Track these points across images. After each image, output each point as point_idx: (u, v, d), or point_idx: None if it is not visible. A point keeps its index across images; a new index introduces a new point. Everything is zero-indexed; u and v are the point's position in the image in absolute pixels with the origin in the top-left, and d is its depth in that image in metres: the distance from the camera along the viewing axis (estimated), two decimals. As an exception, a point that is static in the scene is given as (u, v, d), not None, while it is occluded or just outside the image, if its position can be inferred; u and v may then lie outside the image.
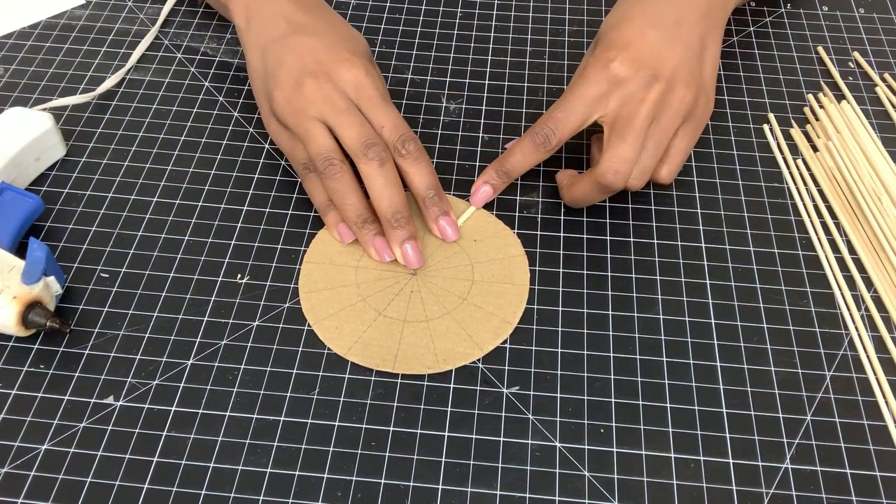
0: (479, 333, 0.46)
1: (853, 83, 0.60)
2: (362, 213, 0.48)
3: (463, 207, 0.52)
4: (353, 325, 0.46)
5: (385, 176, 0.47)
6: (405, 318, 0.47)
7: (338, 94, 0.49)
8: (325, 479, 0.41)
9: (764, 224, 0.52)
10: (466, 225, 0.51)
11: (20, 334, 0.45)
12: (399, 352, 0.45)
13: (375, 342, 0.46)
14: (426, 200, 0.49)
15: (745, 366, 0.46)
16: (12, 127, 0.52)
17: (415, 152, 0.48)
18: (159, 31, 0.63)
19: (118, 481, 0.41)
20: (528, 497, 0.41)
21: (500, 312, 0.47)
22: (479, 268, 0.49)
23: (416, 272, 0.49)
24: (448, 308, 0.47)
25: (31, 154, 0.52)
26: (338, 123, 0.48)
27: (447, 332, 0.46)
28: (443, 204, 0.49)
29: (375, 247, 0.48)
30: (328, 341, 0.46)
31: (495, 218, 0.52)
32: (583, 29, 0.64)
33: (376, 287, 0.48)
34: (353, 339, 0.46)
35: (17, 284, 0.44)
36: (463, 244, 0.50)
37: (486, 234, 0.51)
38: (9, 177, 0.51)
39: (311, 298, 0.47)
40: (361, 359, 0.45)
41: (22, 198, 0.49)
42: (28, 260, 0.44)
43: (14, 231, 0.47)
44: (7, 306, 0.44)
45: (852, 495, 0.41)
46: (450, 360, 0.45)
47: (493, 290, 0.48)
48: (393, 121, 0.48)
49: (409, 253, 0.47)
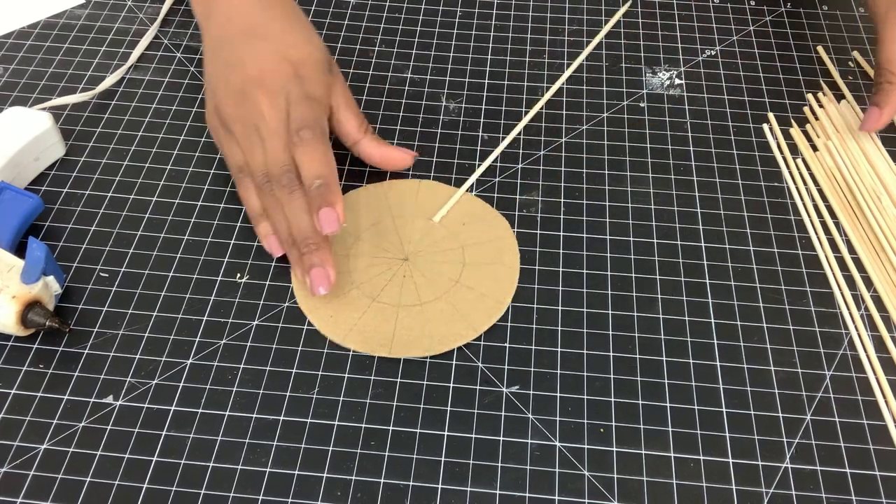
0: (473, 314, 0.47)
1: (853, 83, 0.60)
2: None
3: (449, 193, 0.53)
4: (347, 313, 0.47)
5: (294, 203, 0.46)
6: (399, 303, 0.47)
7: (272, 110, 0.48)
8: (324, 478, 0.41)
9: (764, 224, 0.52)
10: (454, 209, 0.52)
11: (19, 334, 0.45)
12: (395, 336, 0.46)
13: (371, 328, 0.46)
14: (310, 190, 0.46)
15: (744, 365, 0.46)
16: (11, 126, 0.52)
17: (308, 139, 0.47)
18: (159, 31, 0.63)
19: (118, 481, 0.41)
20: (527, 496, 0.41)
21: (492, 293, 0.48)
22: (470, 250, 0.50)
23: (408, 257, 0.49)
24: (441, 291, 0.48)
25: (30, 154, 0.52)
26: (263, 142, 0.48)
27: (441, 315, 0.47)
28: (329, 195, 0.46)
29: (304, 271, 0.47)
30: (324, 330, 0.46)
31: (482, 201, 0.52)
32: (583, 28, 0.64)
33: (369, 274, 0.48)
34: (349, 326, 0.46)
35: (16, 284, 0.44)
36: (451, 228, 0.51)
37: (474, 217, 0.51)
38: (8, 176, 0.51)
39: (305, 288, 0.47)
40: (358, 345, 0.45)
41: (21, 197, 0.49)
42: (27, 259, 0.44)
43: (13, 231, 0.47)
44: (6, 306, 0.44)
45: (852, 495, 0.41)
46: (446, 342, 0.45)
47: (484, 271, 0.49)
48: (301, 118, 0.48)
49: (312, 280, 0.46)
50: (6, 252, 0.46)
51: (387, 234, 0.51)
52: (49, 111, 0.55)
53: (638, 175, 0.55)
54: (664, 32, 0.64)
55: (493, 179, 0.54)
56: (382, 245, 0.50)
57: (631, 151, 0.56)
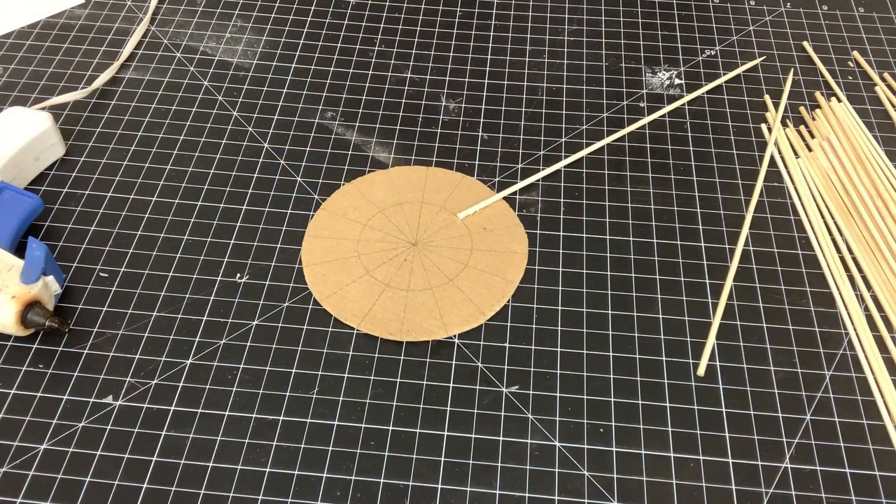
0: (449, 316, 0.47)
1: (853, 83, 0.60)
2: None
3: (485, 195, 0.53)
4: (338, 276, 0.49)
5: None
6: (388, 283, 0.48)
7: None
8: (324, 478, 0.41)
9: (764, 224, 0.52)
10: (482, 212, 0.52)
11: (19, 334, 0.45)
12: (370, 313, 0.47)
13: (352, 298, 0.47)
14: None
15: (744, 365, 0.46)
16: (11, 126, 0.52)
17: None
18: (158, 31, 0.63)
19: (117, 481, 0.41)
20: (527, 496, 0.41)
21: (478, 300, 0.48)
22: (477, 255, 0.50)
23: (417, 243, 0.50)
24: (432, 284, 0.48)
25: (30, 153, 0.52)
26: None
27: (421, 307, 0.47)
28: None
29: None
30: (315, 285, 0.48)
31: (514, 213, 0.52)
32: (582, 28, 0.64)
33: (373, 248, 0.50)
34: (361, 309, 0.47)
35: (16, 284, 0.44)
36: (471, 229, 0.51)
37: (498, 226, 0.51)
38: (8, 176, 0.51)
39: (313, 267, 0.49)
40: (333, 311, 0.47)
41: (21, 197, 0.49)
42: (27, 259, 0.44)
43: (13, 230, 0.47)
44: (6, 306, 0.44)
45: (851, 495, 0.41)
46: (412, 333, 0.46)
47: (481, 279, 0.49)
48: None
49: None
50: (6, 252, 0.46)
51: (407, 216, 0.52)
52: (49, 111, 0.55)
53: (638, 175, 0.55)
54: (664, 32, 0.64)
55: (493, 179, 0.54)
56: (399, 226, 0.51)
57: (631, 151, 0.56)
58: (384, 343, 0.46)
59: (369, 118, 0.57)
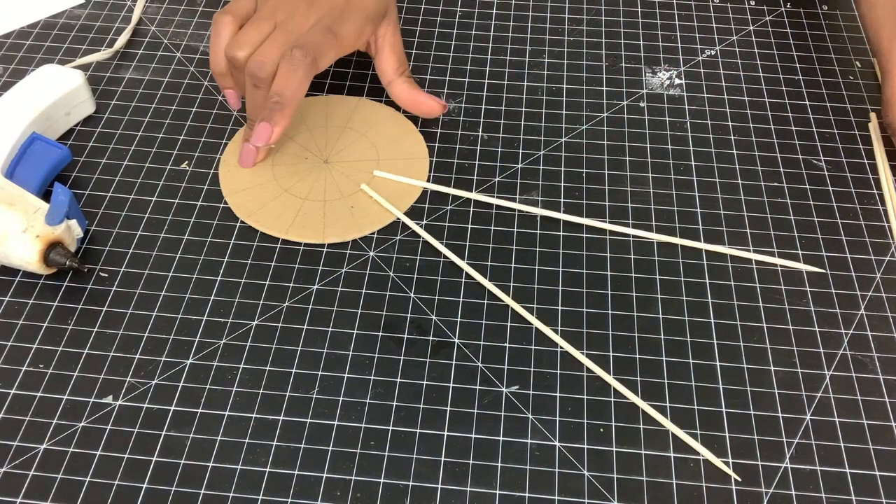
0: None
1: (852, 83, 0.60)
2: None
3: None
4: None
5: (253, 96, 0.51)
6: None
7: (304, 18, 0.51)
8: (324, 478, 0.41)
9: (763, 224, 0.52)
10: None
11: (41, 272, 0.47)
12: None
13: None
14: (268, 101, 0.49)
15: (744, 365, 0.46)
16: (45, 82, 0.55)
17: (297, 59, 0.49)
18: (158, 31, 0.63)
19: (117, 481, 0.41)
20: (527, 496, 0.41)
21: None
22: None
23: (328, 160, 0.54)
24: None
25: (61, 108, 0.55)
26: (273, 28, 0.51)
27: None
28: (277, 115, 0.49)
29: None
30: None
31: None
32: (582, 28, 0.64)
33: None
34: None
35: (40, 224, 0.47)
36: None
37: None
38: (40, 128, 0.53)
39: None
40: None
41: (51, 147, 0.51)
42: (52, 202, 0.47)
43: (42, 177, 0.50)
44: (30, 244, 0.46)
45: (852, 495, 0.41)
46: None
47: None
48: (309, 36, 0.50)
49: (256, 131, 0.50)
50: (34, 196, 0.48)
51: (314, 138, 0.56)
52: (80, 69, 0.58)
53: (638, 175, 0.55)
54: (664, 32, 0.64)
55: (493, 179, 0.54)
56: (308, 147, 0.55)
57: (631, 151, 0.56)
58: (384, 342, 0.46)
59: (369, 118, 0.57)
